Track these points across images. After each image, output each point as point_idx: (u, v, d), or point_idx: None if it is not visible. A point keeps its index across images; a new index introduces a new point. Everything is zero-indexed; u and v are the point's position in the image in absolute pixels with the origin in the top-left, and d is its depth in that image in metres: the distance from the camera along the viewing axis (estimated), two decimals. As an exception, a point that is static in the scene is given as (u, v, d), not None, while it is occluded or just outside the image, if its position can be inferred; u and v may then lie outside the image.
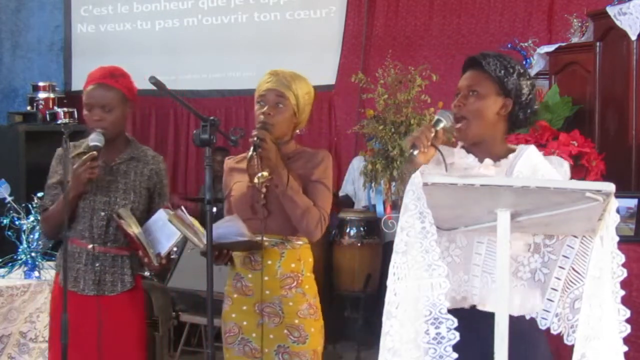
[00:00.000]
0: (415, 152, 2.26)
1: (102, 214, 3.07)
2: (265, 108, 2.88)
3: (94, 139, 3.00)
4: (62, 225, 2.99)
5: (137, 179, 3.12)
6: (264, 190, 2.89)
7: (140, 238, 2.98)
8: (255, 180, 2.86)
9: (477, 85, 2.40)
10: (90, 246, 3.08)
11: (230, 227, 2.80)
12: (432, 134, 2.30)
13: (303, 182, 2.88)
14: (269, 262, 2.87)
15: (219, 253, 2.86)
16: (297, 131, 3.04)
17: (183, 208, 2.95)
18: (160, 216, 3.02)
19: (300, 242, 2.92)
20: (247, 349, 2.90)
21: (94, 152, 2.97)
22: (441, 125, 2.34)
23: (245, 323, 2.90)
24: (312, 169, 2.91)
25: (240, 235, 2.79)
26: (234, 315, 2.93)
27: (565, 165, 2.41)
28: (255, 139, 2.78)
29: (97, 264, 3.07)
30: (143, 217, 3.09)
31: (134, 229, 2.98)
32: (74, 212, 3.07)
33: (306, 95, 2.95)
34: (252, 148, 2.78)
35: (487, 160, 2.40)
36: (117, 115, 3.07)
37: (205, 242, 2.77)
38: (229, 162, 3.08)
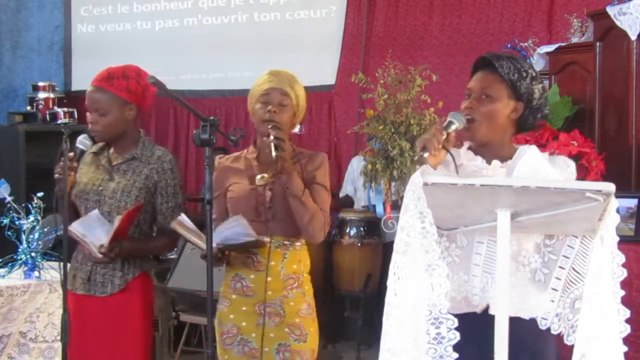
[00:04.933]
0: (426, 155, 2.20)
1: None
2: (270, 107, 2.86)
3: (79, 142, 2.98)
4: None
5: (132, 178, 3.07)
6: (268, 193, 2.89)
7: (73, 232, 2.93)
8: (258, 182, 2.87)
9: (489, 87, 2.37)
10: None
11: (236, 228, 2.81)
12: (444, 137, 2.25)
13: (306, 184, 2.88)
14: (272, 263, 2.88)
15: (221, 255, 2.86)
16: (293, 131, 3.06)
17: (183, 214, 2.94)
18: (92, 215, 3.00)
19: (299, 244, 2.94)
20: (247, 349, 2.90)
21: (71, 154, 2.91)
22: (453, 127, 2.30)
23: (244, 324, 2.91)
24: (314, 172, 2.92)
25: (247, 236, 2.80)
26: (232, 316, 2.93)
27: (571, 166, 2.38)
28: (274, 139, 2.76)
29: (88, 264, 3.07)
30: (145, 217, 3.08)
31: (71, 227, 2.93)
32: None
33: (304, 97, 2.97)
34: (273, 148, 2.76)
35: (495, 162, 2.38)
36: (111, 119, 3.05)
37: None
38: (222, 161, 3.06)
